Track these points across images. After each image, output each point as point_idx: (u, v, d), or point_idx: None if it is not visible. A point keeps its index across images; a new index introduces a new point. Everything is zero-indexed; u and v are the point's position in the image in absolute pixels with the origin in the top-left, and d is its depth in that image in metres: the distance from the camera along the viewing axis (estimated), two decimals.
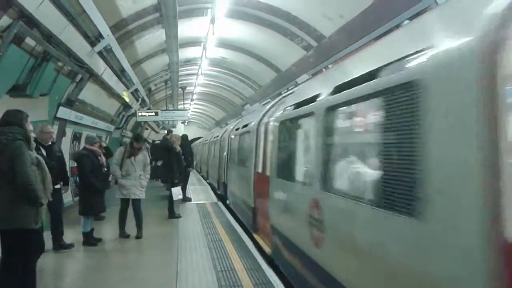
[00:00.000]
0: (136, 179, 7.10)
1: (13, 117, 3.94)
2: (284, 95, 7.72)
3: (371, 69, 2.77)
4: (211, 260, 5.58)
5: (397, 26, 6.33)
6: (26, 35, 5.68)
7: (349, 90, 3.09)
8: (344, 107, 3.33)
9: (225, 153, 12.30)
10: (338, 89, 3.36)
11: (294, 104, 4.88)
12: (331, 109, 3.46)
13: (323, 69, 9.73)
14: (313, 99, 4.00)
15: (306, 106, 4.24)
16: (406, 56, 2.35)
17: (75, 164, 7.20)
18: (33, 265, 4.00)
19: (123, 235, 7.10)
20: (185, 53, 14.88)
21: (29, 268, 3.95)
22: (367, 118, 2.98)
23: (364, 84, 2.80)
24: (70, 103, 8.86)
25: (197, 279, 4.85)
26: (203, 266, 5.32)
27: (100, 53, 8.86)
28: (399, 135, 2.40)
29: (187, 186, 12.05)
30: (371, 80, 2.71)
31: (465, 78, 1.85)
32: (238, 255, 5.84)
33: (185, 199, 11.00)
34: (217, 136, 14.76)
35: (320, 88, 4.00)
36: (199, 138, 33.42)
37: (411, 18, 5.92)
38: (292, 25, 10.82)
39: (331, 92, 3.52)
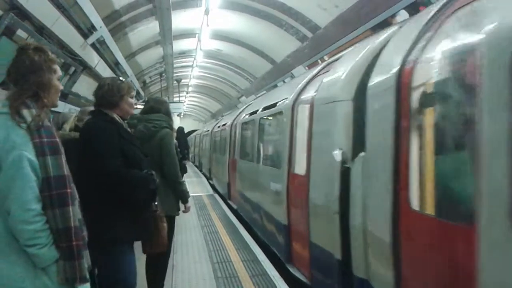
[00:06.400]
0: None
1: (160, 104, 3.85)
2: (245, 106, 10.50)
3: (270, 103, 6.33)
4: (208, 252, 5.59)
5: (393, 16, 6.29)
6: (18, 27, 5.60)
7: (266, 110, 6.53)
8: (264, 119, 6.81)
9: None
10: (264, 108, 6.79)
11: (248, 113, 8.38)
12: (261, 120, 6.92)
13: (319, 60, 9.69)
14: (256, 112, 7.36)
15: (253, 115, 7.53)
16: (279, 101, 5.69)
17: None
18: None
19: None
20: (179, 45, 14.76)
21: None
22: (270, 125, 6.67)
23: (269, 109, 6.30)
24: (63, 96, 8.77)
25: (193, 271, 4.86)
26: (200, 258, 5.33)
27: (93, 45, 8.77)
28: (277, 133, 5.60)
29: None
30: (270, 108, 6.23)
31: (288, 113, 4.91)
32: (235, 247, 5.86)
33: None
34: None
35: (258, 106, 7.55)
36: (195, 130, 33.27)
37: (406, 8, 5.88)
38: (287, 16, 10.73)
39: (261, 110, 6.95)
